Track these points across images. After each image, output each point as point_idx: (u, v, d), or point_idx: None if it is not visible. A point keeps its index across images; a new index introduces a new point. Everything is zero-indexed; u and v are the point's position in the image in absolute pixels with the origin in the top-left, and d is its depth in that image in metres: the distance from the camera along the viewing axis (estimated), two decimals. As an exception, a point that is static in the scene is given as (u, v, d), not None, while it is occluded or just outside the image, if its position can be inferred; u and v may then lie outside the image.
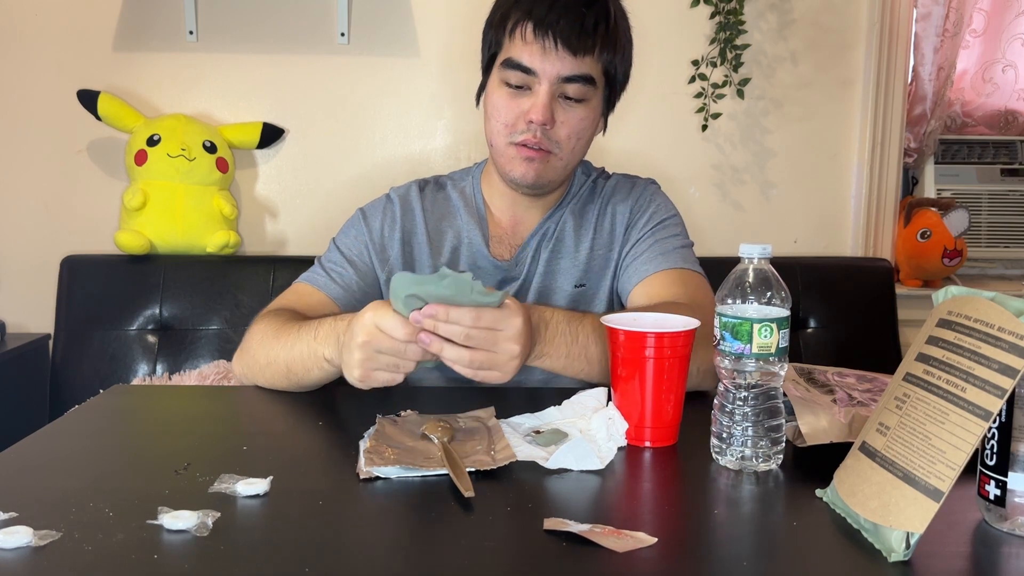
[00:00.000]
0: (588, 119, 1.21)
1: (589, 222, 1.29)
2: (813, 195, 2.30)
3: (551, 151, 1.20)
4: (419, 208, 1.30)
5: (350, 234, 1.30)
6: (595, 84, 1.19)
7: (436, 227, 1.30)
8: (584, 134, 1.21)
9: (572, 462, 0.83)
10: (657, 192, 1.34)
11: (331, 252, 1.30)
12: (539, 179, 1.21)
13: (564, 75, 1.16)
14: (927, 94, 2.33)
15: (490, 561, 0.66)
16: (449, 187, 1.34)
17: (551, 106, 1.17)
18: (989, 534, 0.71)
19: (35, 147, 2.15)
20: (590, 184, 1.33)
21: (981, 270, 2.48)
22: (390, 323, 0.93)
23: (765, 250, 0.84)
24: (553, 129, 1.18)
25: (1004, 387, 0.63)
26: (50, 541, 0.66)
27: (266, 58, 2.17)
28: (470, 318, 0.91)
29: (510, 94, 1.19)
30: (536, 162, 1.20)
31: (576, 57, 1.15)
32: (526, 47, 1.16)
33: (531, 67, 1.16)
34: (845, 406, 0.88)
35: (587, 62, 1.16)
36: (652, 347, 0.90)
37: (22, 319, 2.16)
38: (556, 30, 1.14)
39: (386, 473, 0.81)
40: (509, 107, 1.19)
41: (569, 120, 1.19)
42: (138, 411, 1.08)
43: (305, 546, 0.67)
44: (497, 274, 1.27)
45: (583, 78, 1.17)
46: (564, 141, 1.19)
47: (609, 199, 1.31)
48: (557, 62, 1.15)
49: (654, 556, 0.66)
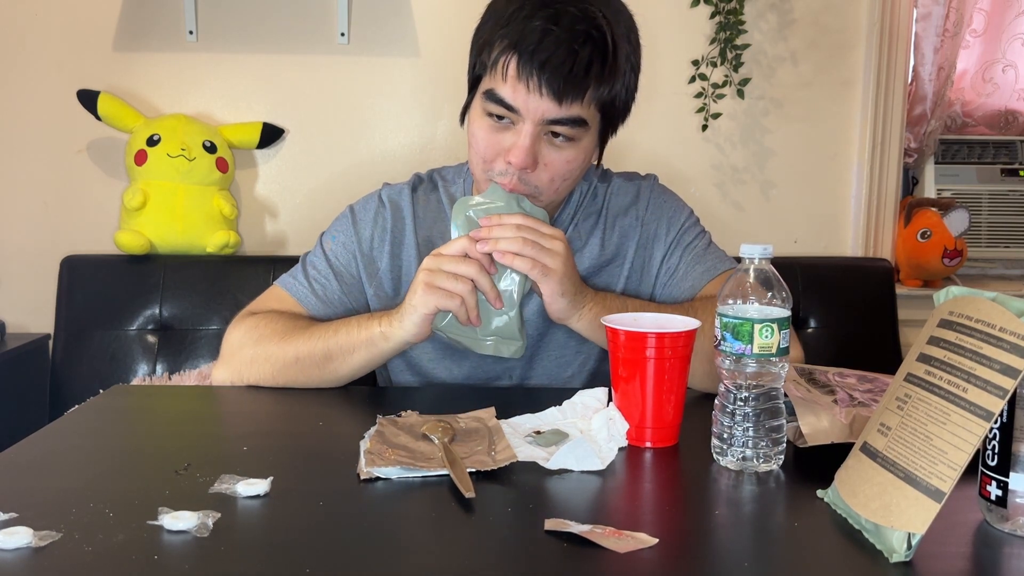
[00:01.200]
0: (576, 160, 1.09)
1: (594, 234, 1.23)
2: (813, 195, 2.30)
3: (530, 194, 1.09)
4: (409, 215, 1.23)
5: (338, 238, 1.24)
6: (587, 125, 1.07)
7: (426, 236, 1.23)
8: (571, 175, 1.10)
9: (573, 463, 0.83)
10: (663, 191, 1.29)
11: (317, 256, 1.23)
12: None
13: (550, 118, 1.04)
14: (927, 94, 2.33)
15: (490, 561, 0.66)
16: (441, 188, 1.27)
17: (533, 149, 1.05)
18: (990, 535, 0.71)
19: (35, 147, 2.15)
20: (591, 192, 1.25)
21: (981, 270, 2.48)
22: (446, 245, 1.04)
23: (766, 250, 0.84)
24: (533, 173, 1.07)
25: (1005, 387, 0.63)
26: (50, 542, 0.66)
27: (266, 58, 2.17)
28: (520, 218, 1.04)
29: (491, 126, 1.08)
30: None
31: (568, 103, 1.03)
32: (509, 83, 1.03)
33: (514, 105, 1.04)
34: (846, 406, 0.88)
35: (576, 106, 1.04)
36: (653, 347, 0.90)
37: (22, 319, 2.15)
38: (543, 73, 1.01)
39: (386, 474, 0.81)
40: (489, 141, 1.08)
41: (554, 163, 1.07)
42: (138, 411, 1.08)
43: (305, 546, 0.67)
44: None
45: (572, 121, 1.05)
46: (546, 185, 1.09)
47: (613, 208, 1.25)
48: (542, 104, 1.03)
49: (655, 557, 0.66)
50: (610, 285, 1.23)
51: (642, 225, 1.24)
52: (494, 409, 1.00)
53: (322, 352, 1.10)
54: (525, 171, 1.07)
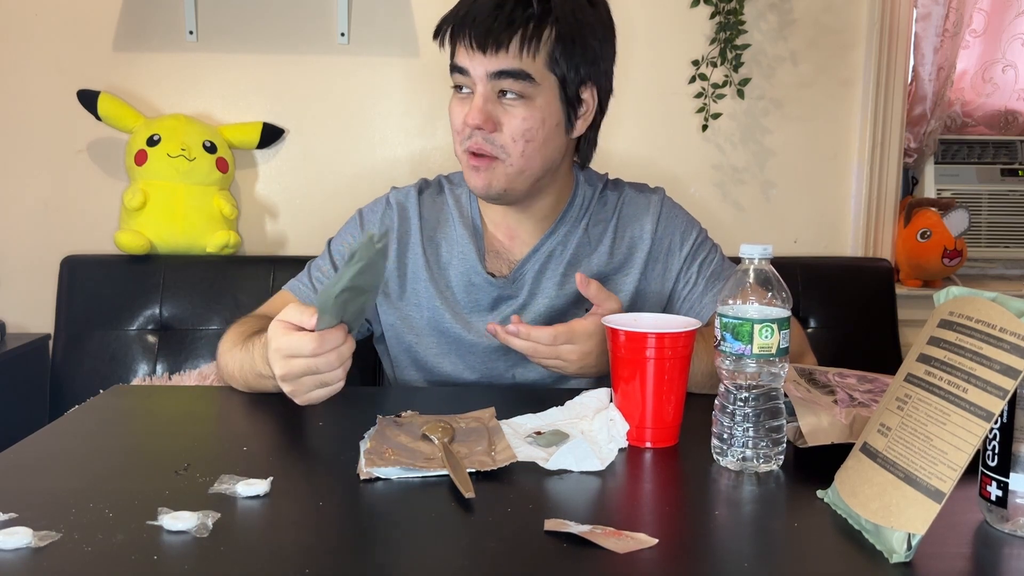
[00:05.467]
0: (532, 119, 1.13)
1: (603, 242, 1.24)
2: (813, 195, 2.30)
3: (496, 156, 1.14)
4: (415, 217, 1.26)
5: (346, 240, 1.27)
6: (534, 80, 1.12)
7: (431, 237, 1.25)
8: (532, 135, 1.13)
9: (572, 463, 0.83)
10: (673, 209, 1.29)
11: (323, 259, 1.27)
12: (489, 188, 1.16)
13: (491, 71, 1.11)
14: (927, 94, 2.33)
15: (490, 562, 0.66)
16: (447, 192, 1.29)
17: (486, 108, 1.12)
18: (990, 535, 0.71)
19: (35, 147, 2.15)
20: (598, 198, 1.27)
21: (981, 270, 2.48)
22: (296, 345, 0.91)
23: (766, 250, 0.84)
24: (498, 133, 1.13)
25: (1005, 388, 0.63)
26: (50, 542, 0.66)
27: (266, 58, 2.16)
28: (548, 336, 1.05)
29: (458, 100, 1.17)
30: (483, 171, 1.15)
31: (493, 53, 1.10)
32: (458, 50, 1.14)
33: (462, 66, 1.14)
34: (846, 407, 0.88)
35: (512, 57, 1.11)
36: (652, 347, 0.90)
37: (22, 319, 2.15)
38: (472, 28, 1.11)
39: (386, 474, 0.81)
40: (456, 112, 1.16)
41: (510, 121, 1.13)
42: (138, 411, 1.08)
43: (305, 546, 0.67)
44: (491, 291, 1.22)
45: (513, 73, 1.11)
46: (510, 145, 1.13)
47: (624, 217, 1.26)
48: (482, 59, 1.11)
49: (655, 557, 0.66)
50: (616, 292, 1.22)
51: (653, 238, 1.25)
52: (494, 409, 1.00)
53: (241, 379, 1.11)
54: (484, 131, 1.13)
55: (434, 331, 1.23)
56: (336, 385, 0.95)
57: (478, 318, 1.23)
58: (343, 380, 0.95)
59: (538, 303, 1.22)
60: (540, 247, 1.23)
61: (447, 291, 1.23)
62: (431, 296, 1.23)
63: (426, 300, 1.23)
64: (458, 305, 1.23)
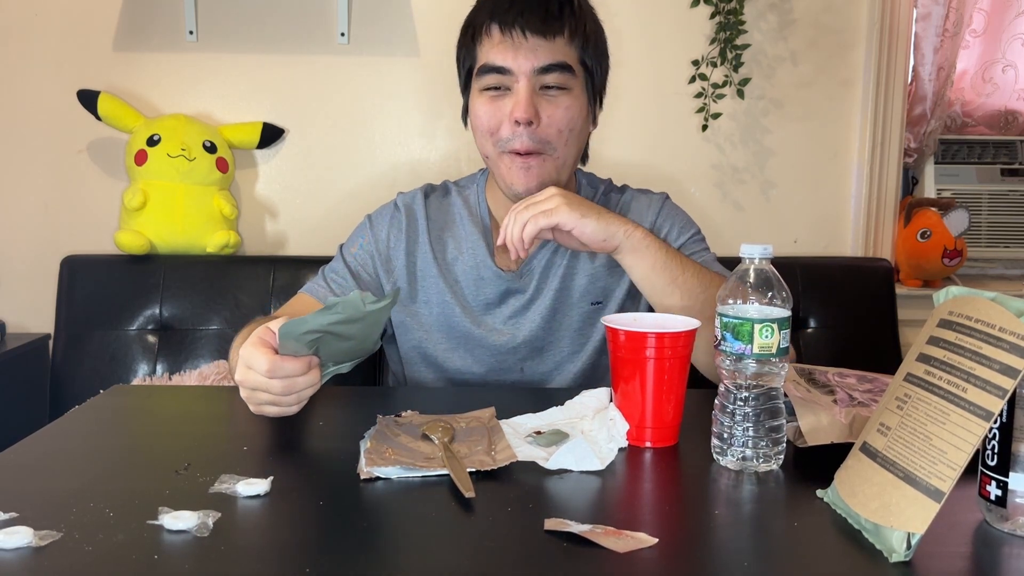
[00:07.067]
0: (575, 108, 1.17)
1: None
2: (813, 195, 2.30)
3: (544, 152, 1.16)
4: (422, 217, 1.29)
5: (357, 243, 1.30)
6: (574, 72, 1.16)
7: (438, 237, 1.28)
8: (575, 125, 1.17)
9: (572, 463, 0.83)
10: (675, 207, 1.32)
11: (336, 262, 1.29)
12: (541, 185, 1.16)
13: (539, 66, 1.14)
14: (927, 94, 2.33)
15: (490, 561, 0.66)
16: (454, 194, 1.32)
17: (532, 101, 1.14)
18: (990, 534, 0.71)
19: (35, 147, 2.15)
20: (602, 197, 1.30)
21: (981, 270, 2.48)
22: (254, 360, 0.89)
23: (766, 250, 0.84)
24: (540, 127, 1.15)
25: (1005, 387, 0.63)
26: (51, 541, 0.66)
27: (266, 58, 2.16)
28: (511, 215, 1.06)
29: (490, 99, 1.17)
30: (534, 168, 1.16)
31: (548, 41, 1.13)
32: (496, 47, 1.15)
33: (505, 65, 1.14)
34: (846, 406, 0.88)
35: (560, 48, 1.14)
36: (652, 347, 0.90)
37: (22, 319, 2.15)
38: (521, 21, 1.13)
39: (386, 473, 0.81)
40: (491, 112, 1.16)
41: (555, 113, 1.15)
42: (138, 411, 1.08)
43: (305, 546, 0.67)
44: (500, 284, 1.25)
45: (560, 66, 1.14)
46: (555, 138, 1.16)
47: (627, 214, 1.28)
48: (530, 54, 1.13)
49: (655, 556, 0.66)
50: (615, 288, 1.25)
51: (652, 229, 1.27)
52: (494, 409, 1.00)
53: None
54: (531, 127, 1.14)
55: (443, 327, 1.25)
56: (288, 409, 0.92)
57: (487, 312, 1.25)
58: (296, 407, 0.93)
59: (545, 296, 1.25)
60: (547, 242, 1.25)
61: (456, 286, 1.26)
62: (441, 292, 1.25)
63: (436, 296, 1.26)
64: (467, 300, 1.25)
